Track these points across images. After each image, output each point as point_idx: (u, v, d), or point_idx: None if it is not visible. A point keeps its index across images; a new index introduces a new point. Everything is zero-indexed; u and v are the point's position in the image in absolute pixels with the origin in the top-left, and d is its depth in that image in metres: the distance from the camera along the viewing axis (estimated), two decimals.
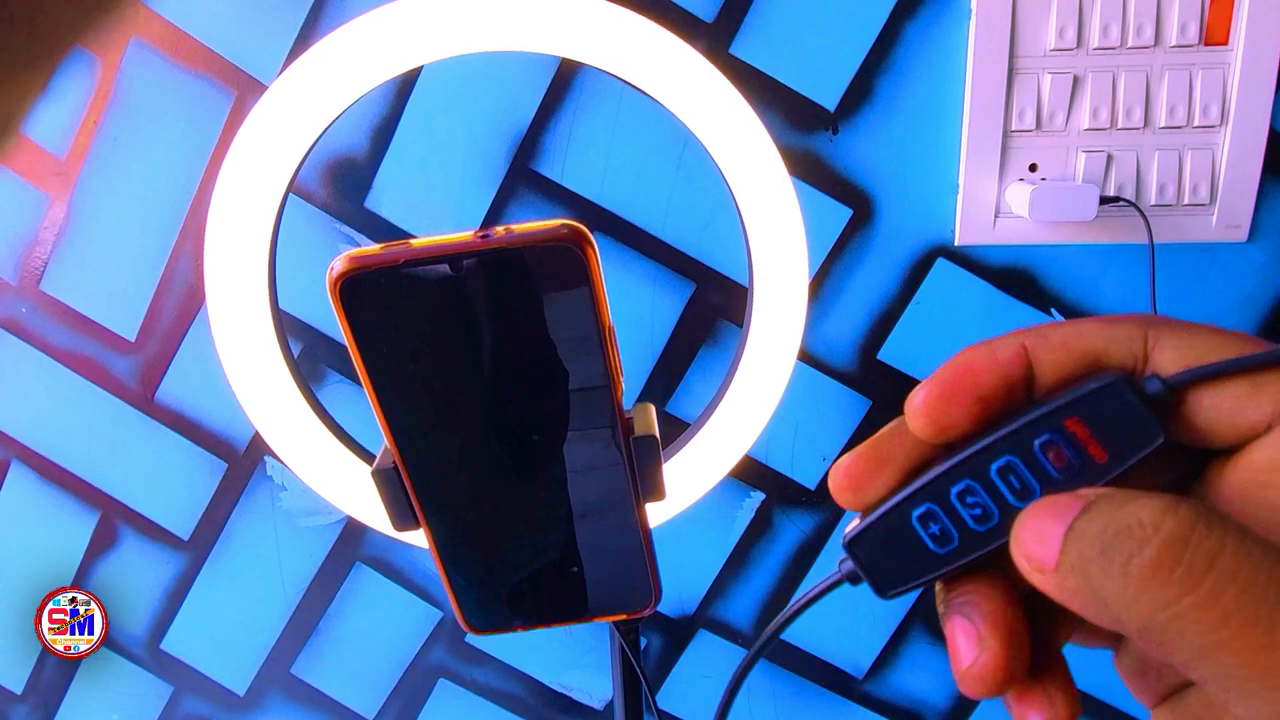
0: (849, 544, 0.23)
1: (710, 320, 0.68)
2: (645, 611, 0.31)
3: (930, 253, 0.66)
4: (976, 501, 0.21)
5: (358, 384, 0.70)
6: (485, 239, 0.23)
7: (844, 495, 0.23)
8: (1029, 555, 0.20)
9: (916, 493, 0.22)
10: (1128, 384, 0.20)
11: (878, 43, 0.63)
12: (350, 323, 0.24)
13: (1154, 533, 0.17)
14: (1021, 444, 0.21)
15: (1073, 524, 0.19)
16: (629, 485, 0.28)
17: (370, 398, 0.26)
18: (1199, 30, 0.60)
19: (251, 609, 0.78)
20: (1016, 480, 0.21)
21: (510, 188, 0.66)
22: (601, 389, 0.26)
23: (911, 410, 0.22)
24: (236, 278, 0.46)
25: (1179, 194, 0.63)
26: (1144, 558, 0.17)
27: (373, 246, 0.24)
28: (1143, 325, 0.21)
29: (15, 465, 0.75)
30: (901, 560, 0.22)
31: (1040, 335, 0.22)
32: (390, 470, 0.27)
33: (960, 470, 0.21)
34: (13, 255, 0.69)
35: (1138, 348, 0.21)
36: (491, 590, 0.30)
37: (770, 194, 0.46)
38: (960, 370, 0.22)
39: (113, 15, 0.64)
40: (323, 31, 0.64)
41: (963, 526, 0.22)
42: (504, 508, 0.29)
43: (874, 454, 0.23)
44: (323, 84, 0.45)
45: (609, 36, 0.45)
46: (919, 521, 0.22)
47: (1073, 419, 0.21)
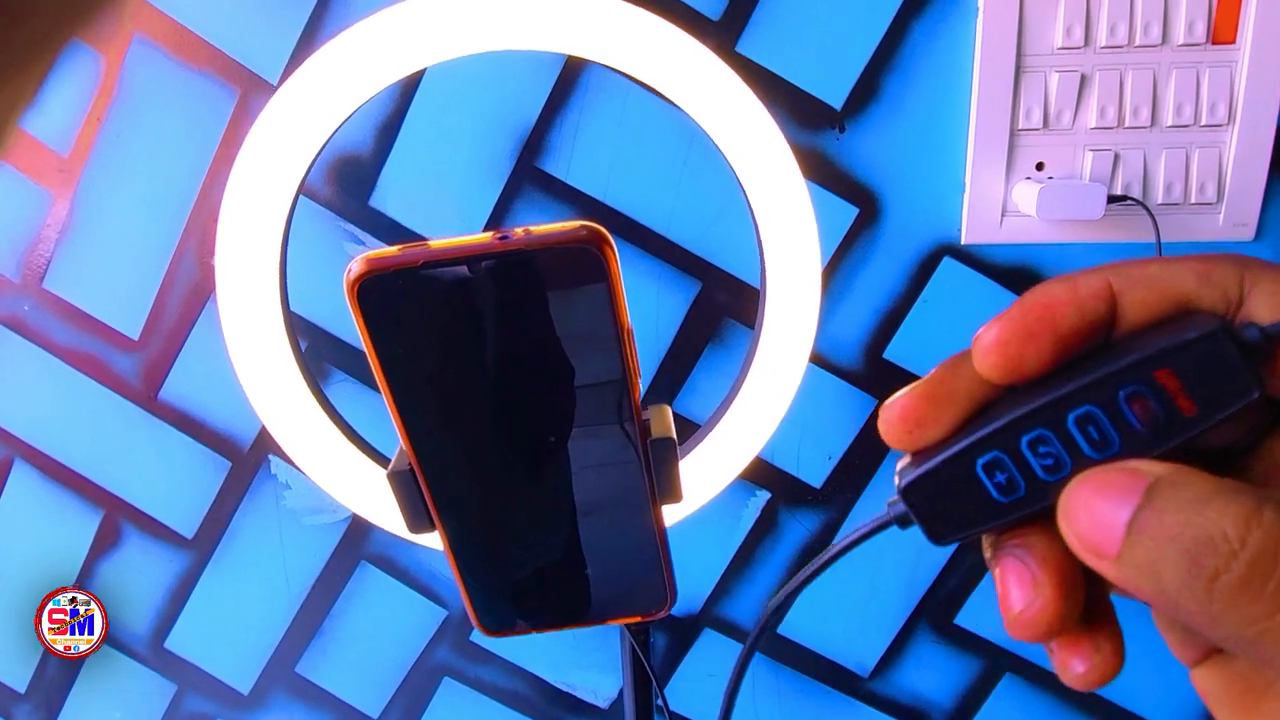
0: (905, 489, 0.22)
1: (716, 319, 0.68)
2: (660, 613, 0.31)
3: (937, 251, 0.66)
4: (1049, 451, 0.20)
5: (362, 381, 0.70)
6: (504, 240, 0.23)
7: (898, 436, 0.22)
8: (1084, 539, 0.19)
9: (984, 439, 0.20)
10: (1227, 333, 0.19)
11: (884, 41, 0.62)
12: (367, 325, 0.24)
13: (1240, 547, 0.16)
14: (1105, 394, 0.19)
15: (1137, 514, 0.18)
16: (645, 487, 0.28)
17: (386, 400, 0.26)
18: (1206, 29, 0.60)
19: (256, 607, 0.77)
20: (1095, 431, 0.20)
21: (516, 186, 0.66)
22: (620, 391, 0.26)
23: (982, 349, 0.20)
24: (247, 278, 0.46)
25: (1186, 193, 0.62)
26: (1232, 576, 0.16)
27: (390, 248, 0.24)
28: (1239, 267, 0.20)
29: (18, 464, 0.74)
30: (960, 507, 0.21)
31: (1127, 273, 0.20)
32: (406, 473, 0.27)
33: (1035, 418, 0.20)
34: (15, 253, 0.69)
35: (1232, 292, 0.20)
36: (506, 592, 0.30)
37: (784, 196, 0.45)
38: (1039, 307, 0.20)
39: (116, 11, 0.64)
40: (327, 28, 0.63)
41: (1031, 476, 0.20)
42: (519, 510, 0.28)
43: (933, 393, 0.21)
44: (333, 85, 0.45)
45: (623, 36, 0.45)
46: (984, 469, 0.21)
47: (1164, 370, 0.19)
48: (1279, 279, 0.19)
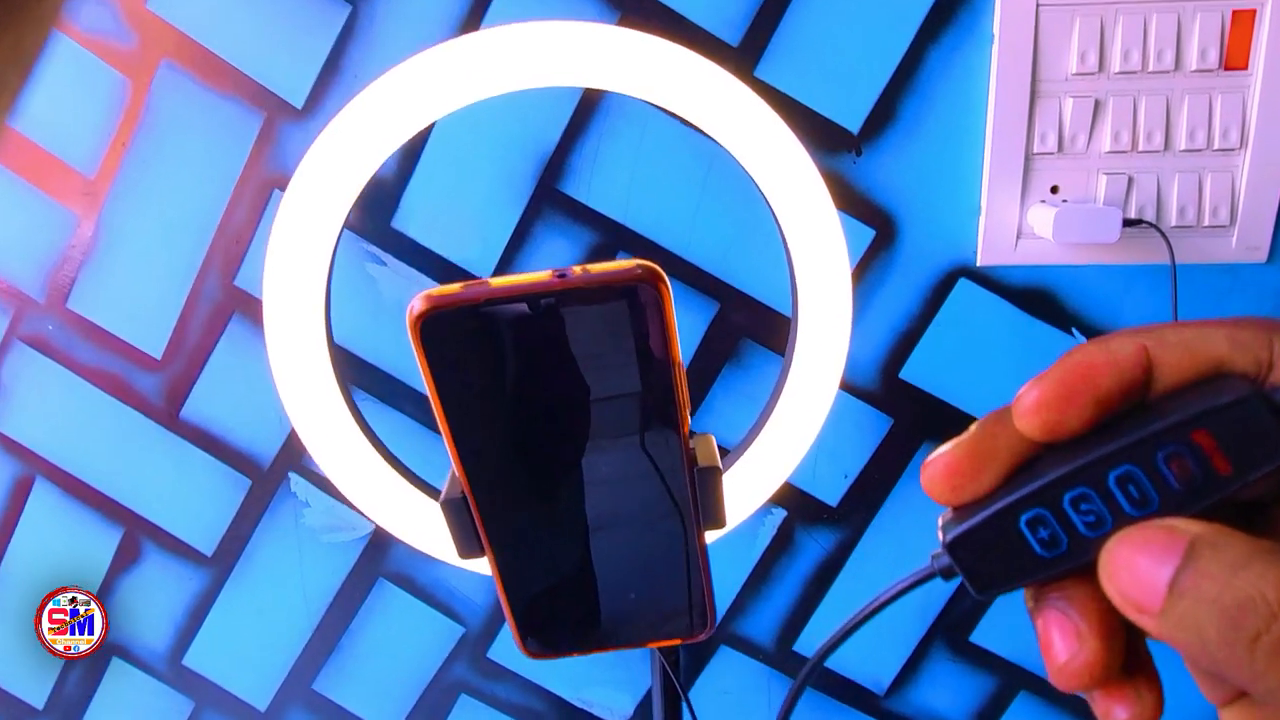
0: (950, 544, 0.22)
1: (734, 339, 0.69)
2: (702, 636, 0.31)
3: (952, 273, 0.67)
4: (1091, 509, 0.21)
5: (380, 399, 0.71)
6: (562, 279, 0.24)
7: (942, 492, 0.23)
8: (1126, 595, 0.20)
9: (1028, 497, 0.21)
10: (1261, 398, 0.20)
11: (901, 66, 0.64)
12: (428, 359, 0.25)
13: (1279, 609, 0.17)
14: (1144, 454, 0.20)
15: (1178, 574, 0.19)
16: (691, 514, 0.29)
17: (443, 430, 0.26)
18: (1219, 56, 0.61)
19: (274, 625, 0.78)
20: (1135, 490, 0.21)
21: (536, 208, 0.67)
22: (670, 422, 0.26)
23: (1023, 409, 0.21)
24: (293, 302, 0.47)
25: (1199, 216, 0.63)
26: (1272, 637, 0.17)
27: (451, 286, 0.24)
28: (1268, 332, 0.21)
29: (40, 481, 0.75)
30: (1004, 561, 0.22)
31: (1161, 337, 0.21)
32: (459, 500, 0.28)
33: (1077, 477, 0.21)
34: (41, 273, 0.70)
35: (1262, 355, 0.21)
36: (551, 615, 0.31)
37: (815, 220, 0.46)
38: (1078, 370, 0.21)
39: (144, 37, 0.65)
40: (351, 54, 0.64)
41: (1073, 532, 0.21)
42: (566, 537, 0.29)
43: (976, 450, 0.22)
44: (376, 125, 0.46)
45: (660, 70, 0.46)
46: (1028, 525, 0.21)
47: (1201, 431, 0.20)
48: None
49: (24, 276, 0.70)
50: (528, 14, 0.63)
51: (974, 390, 0.69)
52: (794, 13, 0.63)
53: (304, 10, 0.64)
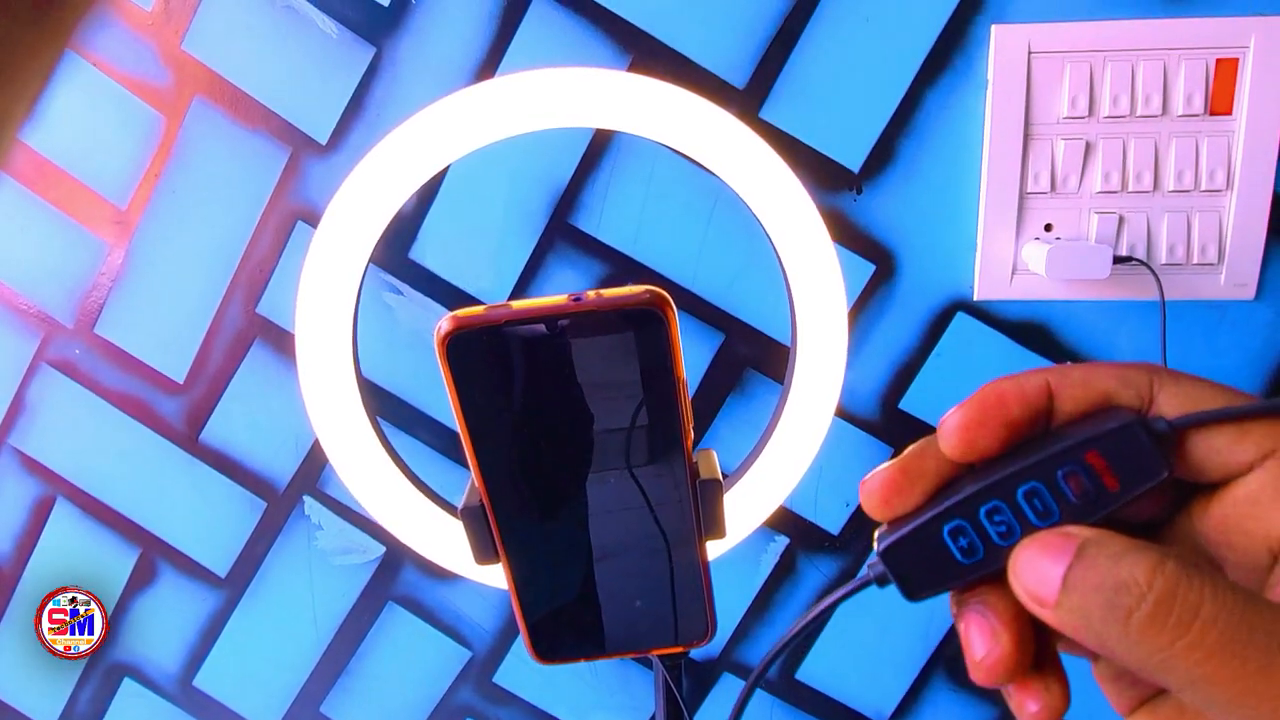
0: (883, 552, 0.25)
1: (738, 370, 0.71)
2: (702, 643, 0.33)
3: (950, 307, 0.69)
4: (1002, 520, 0.24)
5: (398, 426, 0.73)
6: (578, 302, 0.26)
7: (875, 506, 0.26)
8: (1029, 591, 0.23)
9: (949, 510, 0.24)
10: (1141, 425, 0.23)
11: (900, 109, 0.66)
12: (453, 375, 0.27)
13: (1148, 589, 0.21)
14: (1047, 472, 0.24)
15: (1070, 569, 0.22)
16: (693, 524, 0.30)
17: (465, 441, 0.28)
18: (1204, 101, 0.63)
19: (284, 647, 0.79)
20: (1040, 503, 0.24)
21: (549, 241, 0.70)
22: (674, 436, 0.28)
23: (945, 431, 0.25)
24: (323, 329, 0.50)
25: (1188, 254, 0.66)
26: (1142, 613, 0.20)
27: (475, 308, 0.27)
28: (1149, 372, 0.24)
29: (60, 501, 0.77)
30: (930, 568, 0.25)
31: (1062, 374, 0.25)
32: (477, 508, 0.30)
33: (991, 492, 0.24)
34: (70, 299, 0.73)
35: (1144, 391, 0.24)
36: (561, 622, 0.32)
37: (813, 255, 0.49)
38: (992, 399, 0.24)
39: (178, 75, 0.68)
40: (375, 93, 0.68)
41: (987, 541, 0.24)
42: (577, 545, 0.31)
43: (906, 470, 0.25)
44: (400, 166, 0.49)
45: (668, 113, 0.49)
46: (949, 535, 0.24)
47: (1093, 453, 0.23)
48: (1181, 383, 0.24)
49: (54, 302, 0.73)
50: (543, 57, 0.67)
51: None
52: (797, 57, 0.66)
53: (331, 52, 0.67)
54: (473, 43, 0.67)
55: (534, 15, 0.66)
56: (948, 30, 0.65)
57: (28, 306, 0.73)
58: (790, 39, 0.66)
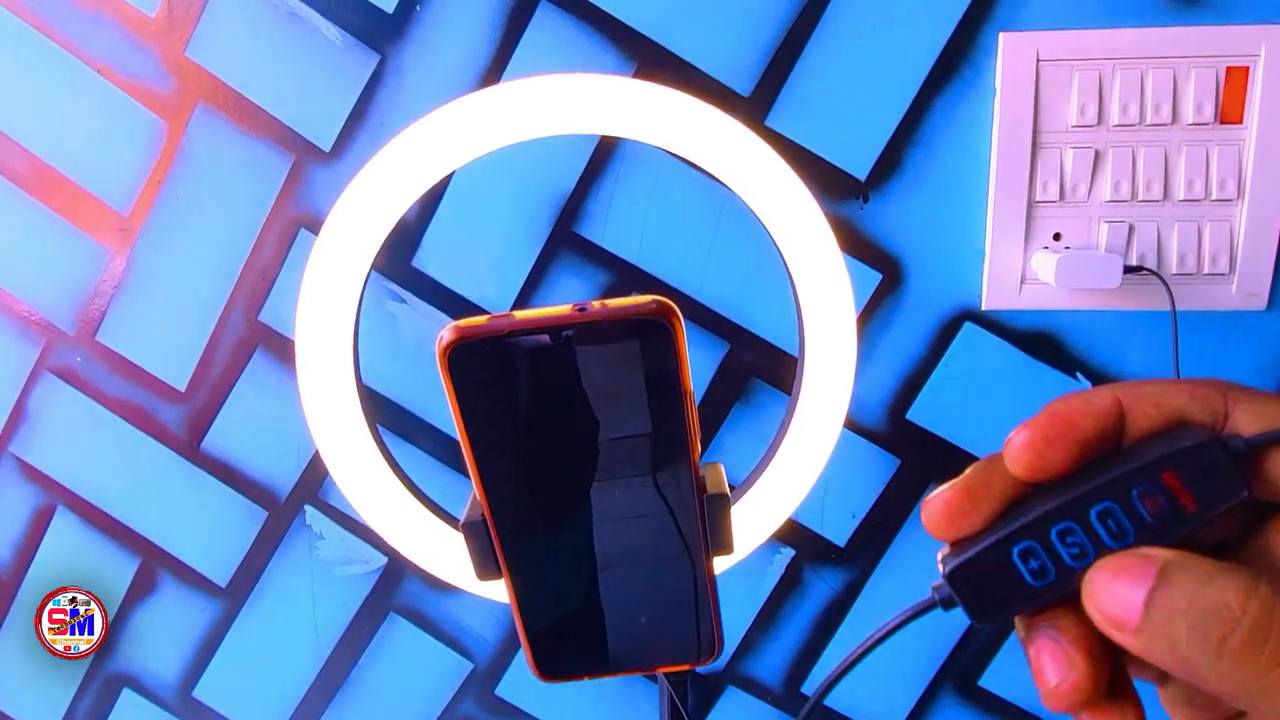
0: (950, 574, 0.25)
1: (744, 379, 0.70)
2: (710, 660, 0.32)
3: (958, 316, 0.68)
4: (1075, 541, 0.23)
5: (399, 435, 0.72)
6: (583, 312, 0.26)
7: (940, 527, 0.25)
8: (1107, 615, 0.22)
9: (1019, 530, 0.24)
10: (1219, 443, 0.22)
11: (906, 117, 0.66)
12: (455, 386, 0.26)
13: (1242, 615, 0.20)
14: (1121, 492, 0.23)
15: (1153, 592, 0.21)
16: (700, 539, 0.30)
17: (466, 454, 0.28)
18: (1214, 110, 0.63)
19: (284, 658, 0.79)
20: (1114, 524, 0.23)
21: (553, 249, 0.69)
22: (681, 449, 0.28)
23: (1013, 450, 0.24)
24: (324, 337, 0.49)
25: (1199, 263, 0.65)
26: (1237, 640, 0.20)
27: (478, 318, 0.26)
28: (1223, 389, 0.24)
29: (60, 510, 0.77)
30: (999, 591, 0.24)
31: (1133, 391, 0.24)
32: (479, 523, 0.29)
33: (1063, 512, 0.23)
34: (72, 306, 0.72)
35: (1219, 408, 0.23)
36: (564, 639, 0.32)
37: (821, 265, 0.48)
38: (1061, 416, 0.24)
39: (181, 82, 0.68)
40: (378, 99, 0.67)
41: (1060, 563, 0.23)
42: (581, 559, 0.30)
43: (971, 489, 0.25)
44: (404, 173, 0.48)
45: (673, 120, 0.48)
46: (1019, 557, 0.24)
47: (1169, 472, 0.23)
48: (1256, 400, 0.23)
49: (56, 309, 0.72)
50: (547, 64, 0.66)
51: (980, 432, 0.70)
52: (804, 64, 0.65)
53: (335, 58, 0.67)
54: (477, 49, 0.66)
55: (539, 22, 0.66)
56: (955, 38, 0.64)
57: (29, 313, 0.73)
58: (796, 46, 0.65)
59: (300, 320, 0.49)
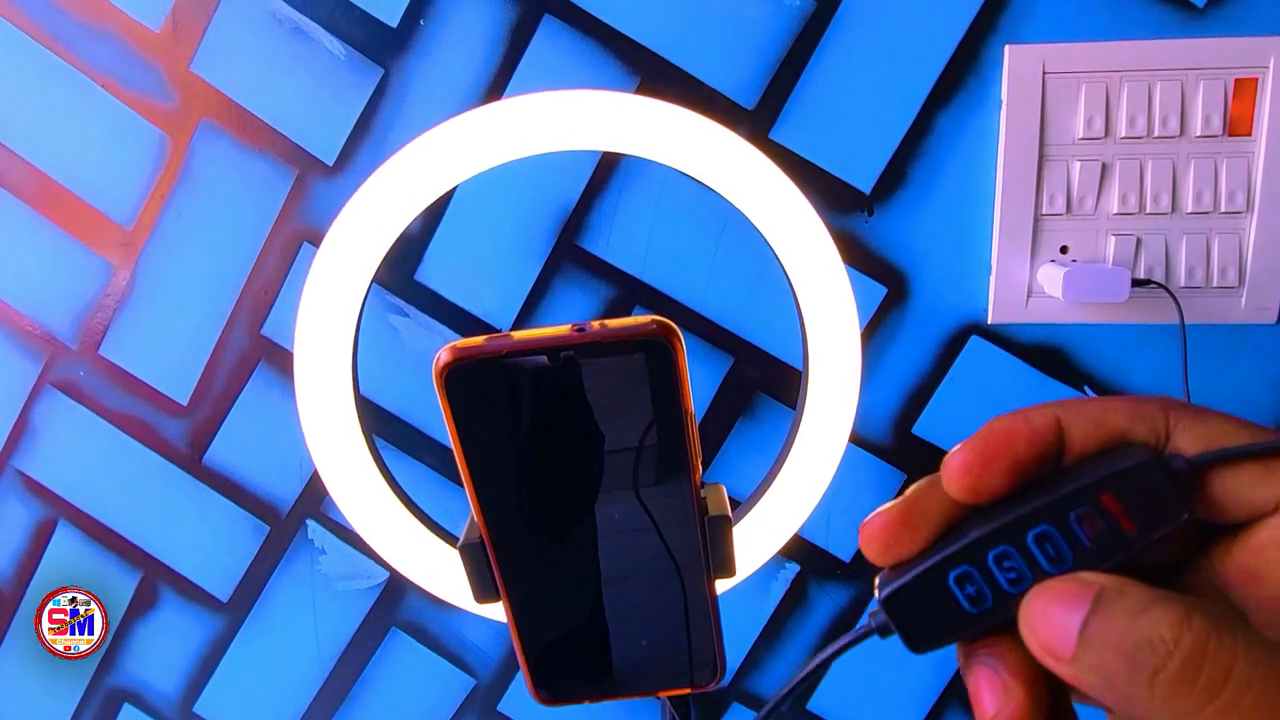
0: (885, 600, 0.24)
1: (748, 393, 0.70)
2: (711, 684, 0.32)
3: (964, 330, 0.68)
4: (1012, 566, 0.22)
5: (402, 450, 0.72)
6: (581, 333, 0.25)
7: (876, 551, 0.24)
8: (1043, 643, 0.21)
9: (955, 555, 0.23)
10: (1159, 464, 0.22)
11: (912, 130, 0.65)
12: (452, 408, 0.26)
13: (1175, 647, 0.19)
14: (1058, 514, 0.22)
15: (1087, 622, 0.20)
16: (701, 562, 0.29)
17: (464, 476, 0.27)
18: (1223, 122, 0.62)
19: (286, 673, 0.78)
20: (1051, 548, 0.22)
21: (556, 263, 0.69)
22: (682, 471, 0.27)
23: (949, 471, 0.23)
24: (323, 353, 0.49)
25: (1208, 277, 0.64)
26: (1169, 672, 0.19)
27: (475, 339, 0.26)
28: (1165, 407, 0.23)
29: (62, 525, 0.76)
30: (936, 617, 0.23)
31: (1072, 409, 0.23)
32: (477, 545, 0.28)
33: (999, 536, 0.22)
34: (75, 321, 0.72)
35: (1160, 427, 0.23)
36: (564, 662, 0.31)
37: (826, 282, 0.48)
38: (998, 436, 0.23)
39: (185, 97, 0.68)
40: (381, 115, 0.67)
41: (997, 588, 0.22)
42: (580, 583, 0.30)
43: (908, 512, 0.24)
44: (406, 187, 0.48)
45: (675, 136, 0.48)
46: (956, 582, 0.23)
47: (1108, 494, 0.22)
48: (1199, 419, 0.23)
49: (59, 324, 0.72)
50: (551, 78, 0.66)
51: None
52: (808, 78, 0.65)
53: (338, 73, 0.67)
54: (481, 64, 0.66)
55: (542, 36, 0.66)
56: (960, 50, 0.64)
57: (32, 328, 0.73)
58: (801, 59, 0.65)
59: (299, 336, 0.49)
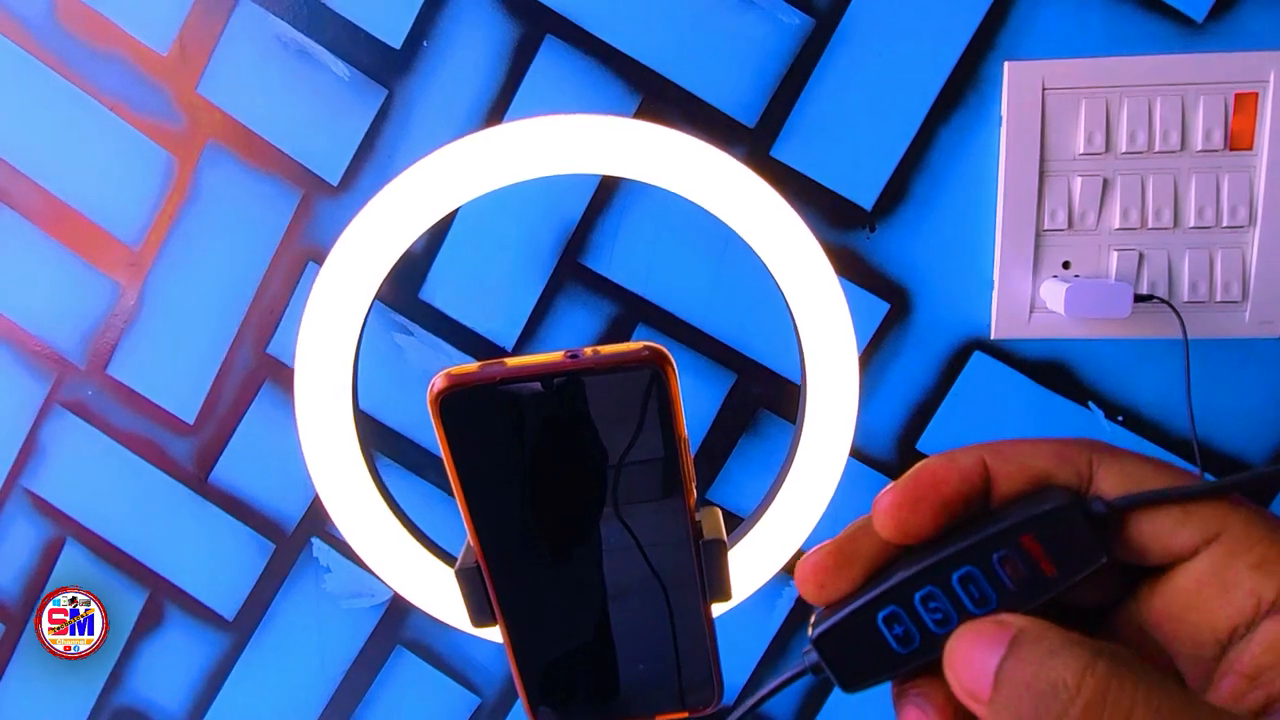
0: (816, 640, 0.24)
1: (751, 410, 0.70)
2: (708, 710, 0.32)
3: (966, 346, 0.68)
4: (938, 606, 0.23)
5: (406, 468, 0.72)
6: (574, 359, 0.25)
7: (810, 591, 0.25)
8: (963, 684, 0.21)
9: (883, 595, 0.23)
10: (1078, 508, 0.22)
11: (912, 146, 0.66)
12: (447, 434, 0.26)
13: (1076, 693, 0.19)
14: (981, 556, 0.23)
15: (1002, 665, 0.21)
16: (697, 588, 0.29)
17: (459, 502, 0.27)
18: (1224, 136, 0.62)
19: (291, 691, 0.78)
20: (975, 589, 0.23)
21: (559, 281, 0.69)
22: (676, 497, 0.27)
23: (878, 513, 0.24)
24: (322, 373, 0.49)
25: (1211, 291, 0.64)
26: (1071, 716, 0.19)
27: (469, 365, 0.26)
28: (1088, 450, 0.23)
29: (69, 543, 0.77)
30: (865, 657, 0.24)
31: (998, 452, 0.24)
32: (473, 570, 0.29)
33: (924, 577, 0.23)
34: (83, 341, 0.73)
35: (1083, 470, 0.23)
36: (561, 687, 0.31)
37: (821, 300, 0.48)
38: (925, 479, 0.24)
39: (191, 119, 0.69)
40: (386, 136, 0.68)
41: (924, 628, 0.23)
42: (577, 609, 0.30)
43: (840, 552, 0.24)
44: (408, 209, 0.49)
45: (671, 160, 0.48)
46: (884, 622, 0.23)
47: (1028, 536, 0.22)
48: (1122, 462, 0.23)
49: (67, 344, 0.73)
50: (553, 98, 0.66)
51: None
52: (809, 95, 0.66)
53: (343, 94, 0.68)
54: (484, 84, 0.67)
55: (544, 56, 0.66)
56: (960, 67, 0.64)
57: (41, 348, 0.73)
58: (801, 77, 0.65)
59: (300, 356, 0.50)
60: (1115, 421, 0.68)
